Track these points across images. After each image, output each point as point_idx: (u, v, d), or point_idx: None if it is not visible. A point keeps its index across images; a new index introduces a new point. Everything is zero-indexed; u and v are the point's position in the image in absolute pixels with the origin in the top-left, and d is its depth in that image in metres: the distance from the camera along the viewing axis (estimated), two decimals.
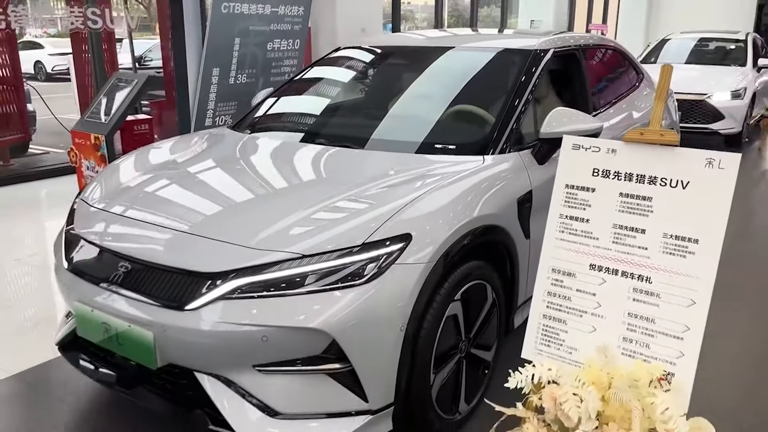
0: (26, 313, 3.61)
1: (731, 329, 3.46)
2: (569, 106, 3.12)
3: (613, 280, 2.08)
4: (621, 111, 3.83)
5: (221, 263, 2.09)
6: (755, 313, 3.72)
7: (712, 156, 1.94)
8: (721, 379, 2.98)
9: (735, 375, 3.06)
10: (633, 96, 4.13)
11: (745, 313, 3.67)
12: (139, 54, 11.25)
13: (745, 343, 3.38)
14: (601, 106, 3.68)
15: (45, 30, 10.70)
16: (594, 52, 3.94)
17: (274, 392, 2.08)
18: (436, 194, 2.35)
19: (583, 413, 1.92)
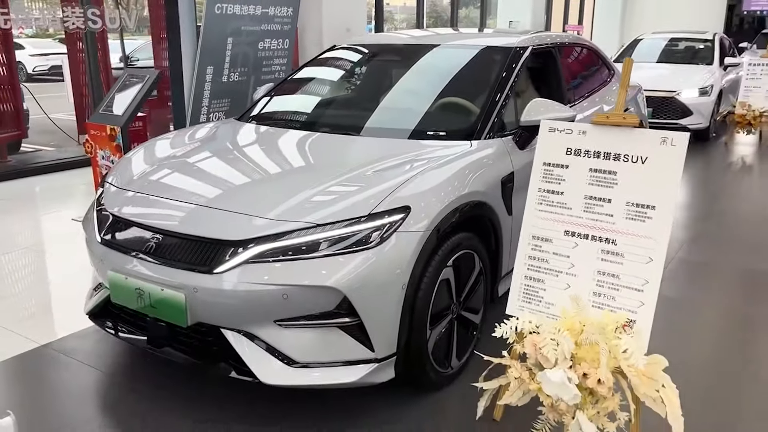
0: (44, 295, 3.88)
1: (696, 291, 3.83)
2: (546, 98, 3.46)
3: (584, 243, 2.42)
4: (593, 104, 4.18)
5: (245, 232, 2.39)
6: (717, 276, 4.09)
7: (666, 135, 2.28)
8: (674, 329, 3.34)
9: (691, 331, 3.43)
10: (604, 90, 4.50)
11: (708, 277, 4.05)
12: (126, 53, 11.42)
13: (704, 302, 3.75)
14: (575, 99, 4.03)
15: (21, 30, 10.81)
16: (569, 50, 4.29)
17: (292, 344, 2.38)
18: (431, 173, 2.67)
19: (559, 355, 2.25)
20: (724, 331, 3.49)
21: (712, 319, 3.59)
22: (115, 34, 8.08)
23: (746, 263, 4.40)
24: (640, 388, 2.19)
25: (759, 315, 3.65)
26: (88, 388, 2.87)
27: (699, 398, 2.73)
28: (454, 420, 2.62)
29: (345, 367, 2.41)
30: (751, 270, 4.28)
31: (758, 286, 4.04)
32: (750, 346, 3.33)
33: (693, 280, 4.15)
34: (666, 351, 2.26)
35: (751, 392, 2.86)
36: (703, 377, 2.96)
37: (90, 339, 3.26)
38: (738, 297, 3.90)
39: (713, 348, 3.28)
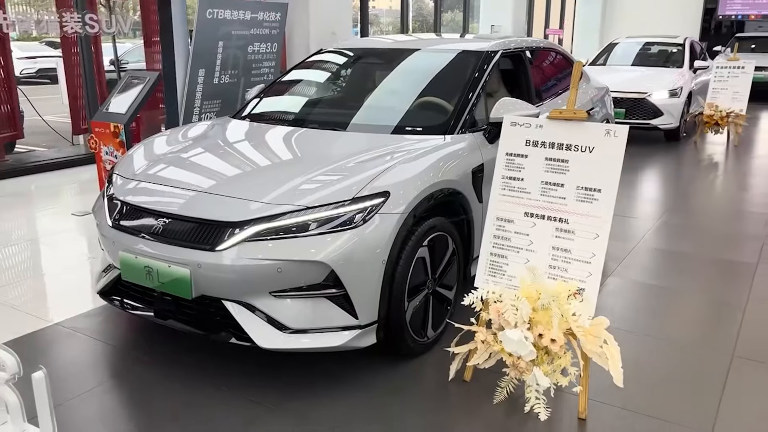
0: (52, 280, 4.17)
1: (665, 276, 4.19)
2: (515, 98, 3.81)
3: (541, 223, 2.77)
4: (558, 105, 4.54)
5: (243, 214, 2.71)
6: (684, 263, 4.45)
7: (609, 128, 2.63)
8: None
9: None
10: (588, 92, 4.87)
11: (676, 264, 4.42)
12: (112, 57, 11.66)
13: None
14: (543, 99, 4.38)
15: None
16: (537, 54, 4.64)
17: (285, 312, 2.70)
18: (408, 164, 3.01)
19: (518, 318, 2.59)
20: (676, 308, 3.85)
21: (667, 297, 3.95)
22: (106, 37, 8.32)
23: (703, 251, 4.77)
24: (587, 345, 2.54)
25: (679, 288, 4.03)
26: (98, 359, 3.17)
27: (651, 361, 3.08)
28: (430, 382, 2.95)
29: (332, 333, 2.73)
30: (707, 257, 4.65)
31: (712, 272, 4.41)
32: (665, 312, 3.70)
33: (654, 264, 4.52)
34: (631, 324, 2.60)
35: (702, 358, 3.20)
36: (666, 348, 3.31)
37: (97, 317, 3.56)
38: (693, 280, 4.26)
39: (667, 321, 3.63)
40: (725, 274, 4.31)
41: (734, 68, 9.12)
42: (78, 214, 5.52)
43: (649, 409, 2.71)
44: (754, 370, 3.05)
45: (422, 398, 2.82)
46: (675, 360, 3.15)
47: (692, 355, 3.21)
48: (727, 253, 4.70)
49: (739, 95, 9.05)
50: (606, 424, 2.63)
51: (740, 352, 3.20)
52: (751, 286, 4.04)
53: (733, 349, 3.22)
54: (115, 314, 3.60)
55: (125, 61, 12.92)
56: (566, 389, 2.75)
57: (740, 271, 4.32)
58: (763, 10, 18.65)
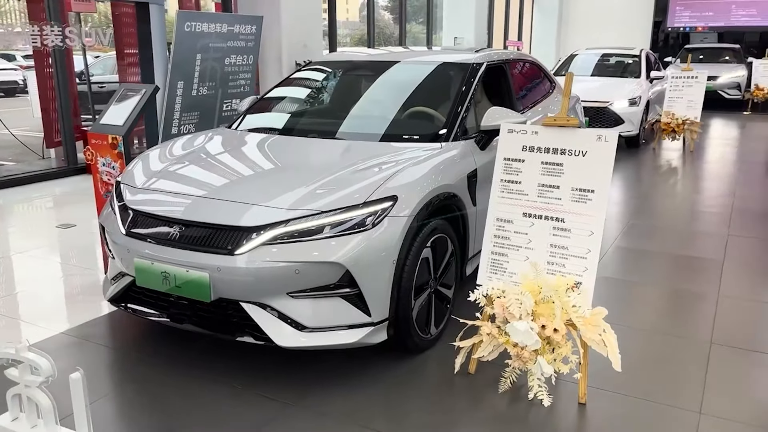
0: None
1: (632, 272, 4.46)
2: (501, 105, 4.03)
3: (539, 222, 2.98)
4: (538, 112, 4.79)
5: (261, 219, 2.84)
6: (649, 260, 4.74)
7: (601, 133, 2.86)
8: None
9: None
10: (548, 101, 5.12)
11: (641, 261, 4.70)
12: (80, 69, 11.58)
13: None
14: (524, 108, 4.63)
15: None
16: (517, 65, 4.89)
17: (302, 312, 2.83)
18: (411, 169, 3.18)
19: (522, 311, 2.78)
20: (654, 301, 4.11)
21: (645, 293, 4.22)
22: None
23: (672, 249, 5.08)
24: (586, 334, 2.75)
25: (656, 283, 4.31)
26: (109, 365, 3.25)
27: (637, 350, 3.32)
28: (436, 375, 3.12)
29: (347, 330, 2.88)
30: (656, 251, 4.97)
31: (682, 268, 4.71)
32: (645, 306, 3.97)
33: (628, 263, 4.79)
34: (615, 318, 2.82)
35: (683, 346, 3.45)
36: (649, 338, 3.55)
37: (102, 325, 3.63)
38: (666, 276, 4.55)
39: (647, 314, 3.89)
40: (695, 270, 4.61)
41: (688, 78, 9.61)
42: (62, 227, 5.53)
43: (641, 393, 2.93)
44: (732, 355, 3.31)
45: (432, 390, 2.99)
46: (659, 348, 3.40)
47: (674, 343, 3.46)
48: (695, 251, 5.02)
49: (693, 104, 9.54)
50: (604, 407, 2.84)
51: (717, 340, 3.46)
52: (720, 280, 4.34)
53: (711, 338, 3.48)
54: (120, 321, 3.66)
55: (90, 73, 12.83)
56: (566, 377, 2.95)
57: (709, 267, 4.63)
58: (709, 22, 19.55)
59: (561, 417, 2.79)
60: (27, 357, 2.36)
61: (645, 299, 4.11)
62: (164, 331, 3.50)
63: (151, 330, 3.54)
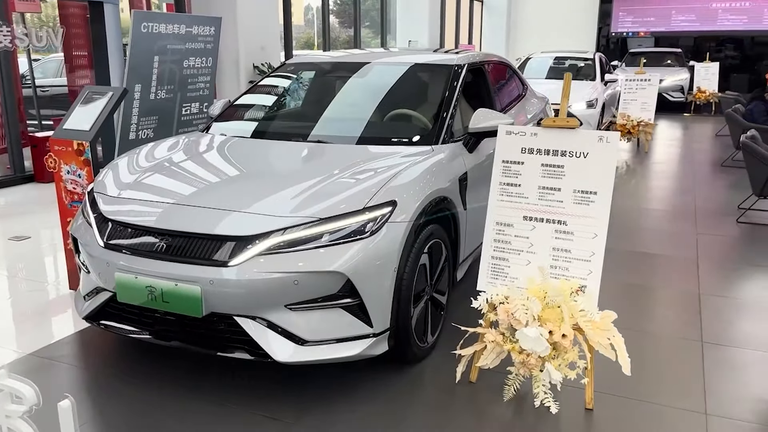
0: None
1: None
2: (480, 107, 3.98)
3: (540, 226, 2.92)
4: (517, 113, 4.77)
5: (256, 228, 2.69)
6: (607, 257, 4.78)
7: (602, 134, 2.83)
8: None
9: None
10: (523, 102, 5.12)
11: None
12: (22, 71, 11.05)
13: None
14: (502, 109, 4.59)
15: None
16: (494, 67, 4.85)
17: (301, 325, 2.69)
18: (407, 172, 3.08)
19: (529, 317, 2.72)
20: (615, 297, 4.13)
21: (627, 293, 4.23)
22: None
23: (628, 246, 5.13)
24: (594, 338, 2.70)
25: (639, 284, 4.35)
26: (86, 386, 3.02)
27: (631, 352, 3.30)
28: (437, 385, 3.02)
29: (348, 343, 2.75)
30: (632, 251, 5.02)
31: (638, 264, 4.75)
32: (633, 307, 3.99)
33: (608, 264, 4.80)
34: None
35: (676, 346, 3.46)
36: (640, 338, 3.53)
37: (73, 344, 3.39)
38: (645, 276, 4.58)
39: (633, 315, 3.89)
40: (673, 269, 4.66)
41: (641, 81, 9.84)
42: (15, 239, 5.19)
43: (645, 396, 2.91)
44: (724, 353, 3.34)
45: (435, 402, 2.89)
46: (652, 349, 3.39)
47: (666, 343, 3.46)
48: (668, 250, 5.08)
49: (647, 105, 9.78)
50: (612, 412, 2.80)
51: (707, 338, 3.48)
52: (698, 277, 4.40)
53: (701, 336, 3.51)
54: (93, 339, 3.43)
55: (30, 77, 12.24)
56: (569, 382, 2.90)
57: (684, 264, 4.69)
58: (651, 28, 20.20)
59: (570, 424, 2.74)
60: (7, 384, 2.16)
61: (628, 300, 4.12)
62: (141, 348, 3.29)
63: (127, 347, 3.32)
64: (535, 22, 20.43)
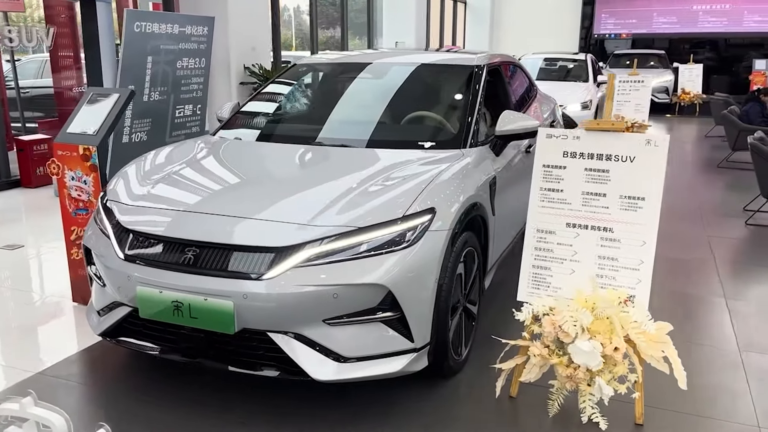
0: None
1: None
2: (499, 109, 3.86)
3: (584, 233, 2.80)
4: (532, 113, 4.66)
5: (293, 238, 2.52)
6: None
7: (650, 137, 2.71)
8: None
9: None
10: (536, 103, 5.01)
11: None
12: None
13: None
14: (519, 110, 4.47)
15: None
16: (507, 68, 4.73)
17: (340, 341, 2.53)
18: (442, 178, 2.93)
19: (579, 329, 2.59)
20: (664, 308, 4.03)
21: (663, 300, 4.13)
22: None
23: (670, 253, 5.00)
24: (647, 351, 2.58)
25: (662, 290, 4.25)
26: (98, 405, 2.84)
27: None
28: (477, 401, 2.88)
29: (388, 359, 2.60)
30: (677, 258, 4.92)
31: (656, 267, 4.63)
32: (691, 319, 3.90)
33: None
34: None
35: (713, 356, 3.37)
36: None
37: (81, 361, 3.20)
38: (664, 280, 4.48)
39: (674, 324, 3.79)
40: (692, 273, 4.58)
41: (635, 82, 9.83)
42: (8, 248, 4.94)
43: (694, 410, 2.80)
44: (762, 362, 3.25)
45: (478, 420, 2.75)
46: (692, 360, 3.29)
47: (703, 352, 3.36)
48: (683, 253, 5.01)
49: (640, 107, 9.76)
50: (664, 428, 2.69)
51: (743, 347, 3.39)
52: (720, 281, 4.32)
53: (737, 345, 3.42)
54: (100, 355, 3.24)
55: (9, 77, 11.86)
56: (615, 397, 2.77)
57: (703, 268, 4.62)
58: (633, 29, 20.33)
59: None
60: (35, 413, 1.98)
61: (653, 305, 4.02)
62: (151, 364, 3.10)
63: (138, 363, 3.14)
64: (518, 24, 20.47)
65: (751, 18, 19.14)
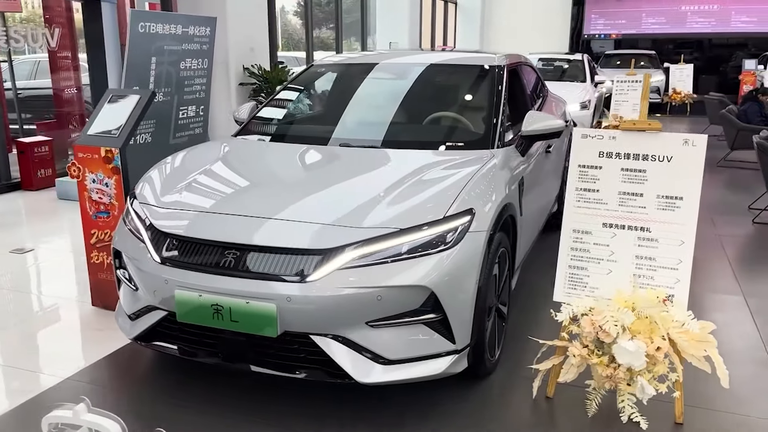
0: None
1: None
2: (518, 109, 3.86)
3: (621, 233, 2.80)
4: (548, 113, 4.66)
5: (336, 240, 2.50)
6: None
7: (687, 137, 2.72)
8: None
9: None
10: (549, 103, 5.02)
11: None
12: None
13: None
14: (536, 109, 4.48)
15: None
16: (523, 68, 4.74)
17: (383, 343, 2.51)
18: (476, 179, 2.92)
19: (620, 329, 2.59)
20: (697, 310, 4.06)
21: None
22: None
23: None
24: (689, 350, 2.59)
25: (705, 291, 4.27)
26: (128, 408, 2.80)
27: None
28: (514, 403, 2.87)
29: (430, 360, 2.59)
30: None
31: (704, 271, 4.68)
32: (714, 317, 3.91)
33: None
34: None
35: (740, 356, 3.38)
36: None
37: (107, 366, 3.15)
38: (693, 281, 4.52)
39: None
40: (708, 272, 4.61)
41: (632, 82, 9.88)
42: (17, 252, 4.86)
43: (733, 408, 2.81)
44: None
45: (519, 422, 2.74)
46: None
47: (729, 352, 3.38)
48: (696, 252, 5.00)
49: (637, 107, 9.82)
50: (704, 427, 2.70)
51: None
52: (737, 279, 4.36)
53: (762, 343, 3.44)
54: (128, 359, 3.19)
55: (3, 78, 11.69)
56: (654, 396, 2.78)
57: (718, 267, 4.65)
58: (622, 30, 20.50)
59: None
60: (89, 420, 1.95)
61: None
62: (182, 367, 3.07)
63: (167, 366, 3.10)
64: (508, 24, 20.53)
65: (738, 18, 19.37)
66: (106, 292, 3.70)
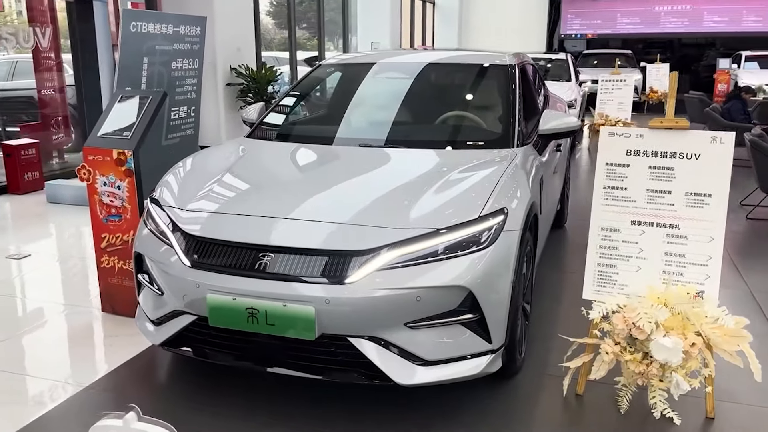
0: None
1: None
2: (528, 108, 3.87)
3: (650, 230, 2.82)
4: None
5: (373, 242, 2.47)
6: None
7: (715, 135, 2.75)
8: None
9: None
10: (553, 102, 5.05)
11: None
12: None
13: None
14: (542, 109, 4.49)
15: None
16: (529, 68, 4.75)
17: (421, 344, 2.49)
18: (506, 178, 2.91)
19: (654, 325, 2.61)
20: None
21: None
22: None
23: None
24: (722, 345, 2.61)
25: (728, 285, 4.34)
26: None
27: None
28: (542, 400, 2.87)
29: (467, 361, 2.57)
30: None
31: None
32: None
33: None
34: None
35: None
36: None
37: (126, 372, 3.08)
38: None
39: None
40: None
41: (617, 81, 10.03)
42: (15, 258, 4.73)
43: (764, 402, 2.84)
44: None
45: (551, 418, 2.75)
46: None
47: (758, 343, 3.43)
48: None
49: (623, 105, 9.97)
50: (736, 421, 2.73)
51: None
52: (741, 275, 4.43)
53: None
54: (143, 366, 3.12)
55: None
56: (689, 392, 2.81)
57: None
58: (597, 30, 20.76)
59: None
60: (140, 430, 1.88)
61: None
62: (203, 371, 3.01)
63: (187, 370, 3.04)
64: (486, 23, 20.65)
65: (710, 18, 19.74)
66: (117, 297, 3.62)
